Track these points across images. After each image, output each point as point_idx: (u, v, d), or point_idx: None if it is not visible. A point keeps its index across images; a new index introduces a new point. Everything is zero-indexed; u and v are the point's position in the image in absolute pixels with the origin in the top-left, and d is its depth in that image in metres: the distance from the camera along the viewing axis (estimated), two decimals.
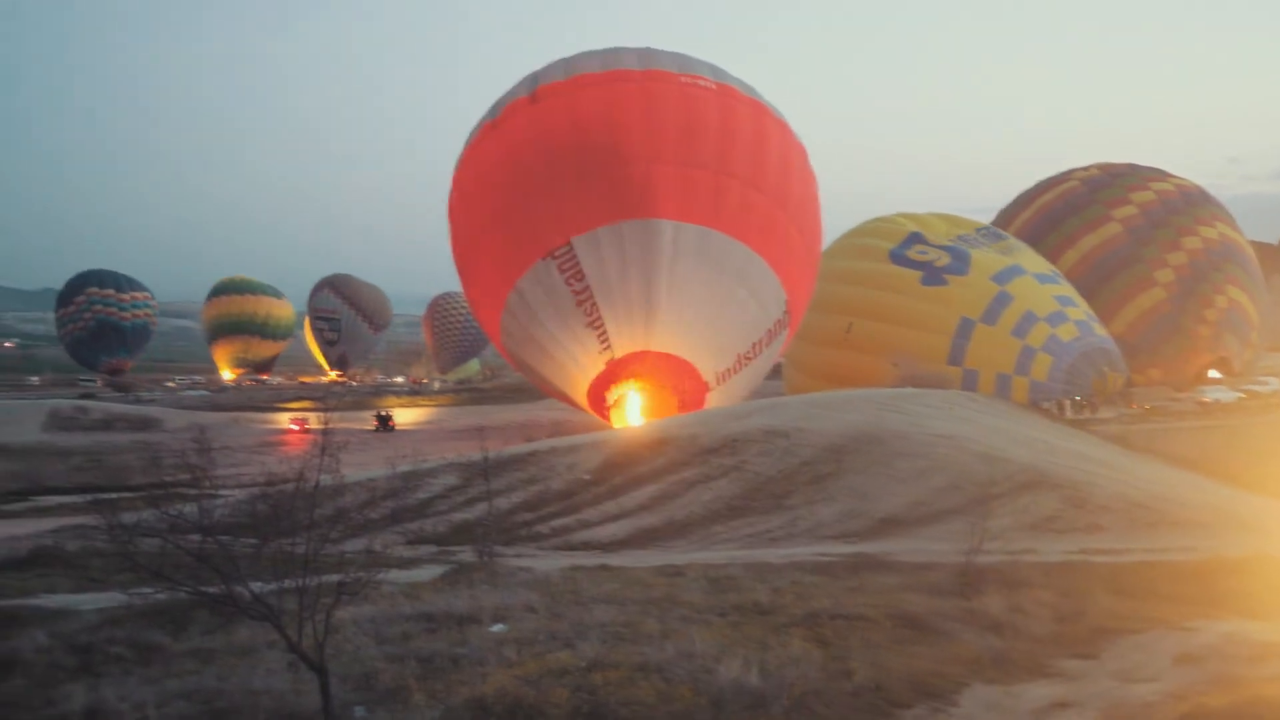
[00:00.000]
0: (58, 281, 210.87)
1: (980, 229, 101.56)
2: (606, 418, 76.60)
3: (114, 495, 50.06)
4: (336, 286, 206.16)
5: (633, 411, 74.36)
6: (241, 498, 43.72)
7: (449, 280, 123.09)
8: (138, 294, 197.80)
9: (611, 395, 75.42)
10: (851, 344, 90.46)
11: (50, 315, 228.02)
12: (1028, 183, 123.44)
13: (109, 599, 26.30)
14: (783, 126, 79.61)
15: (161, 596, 19.82)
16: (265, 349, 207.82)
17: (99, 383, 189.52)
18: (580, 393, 78.04)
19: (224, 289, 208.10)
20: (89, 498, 57.74)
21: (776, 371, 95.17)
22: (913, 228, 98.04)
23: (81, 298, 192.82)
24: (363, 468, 55.30)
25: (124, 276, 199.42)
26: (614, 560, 34.31)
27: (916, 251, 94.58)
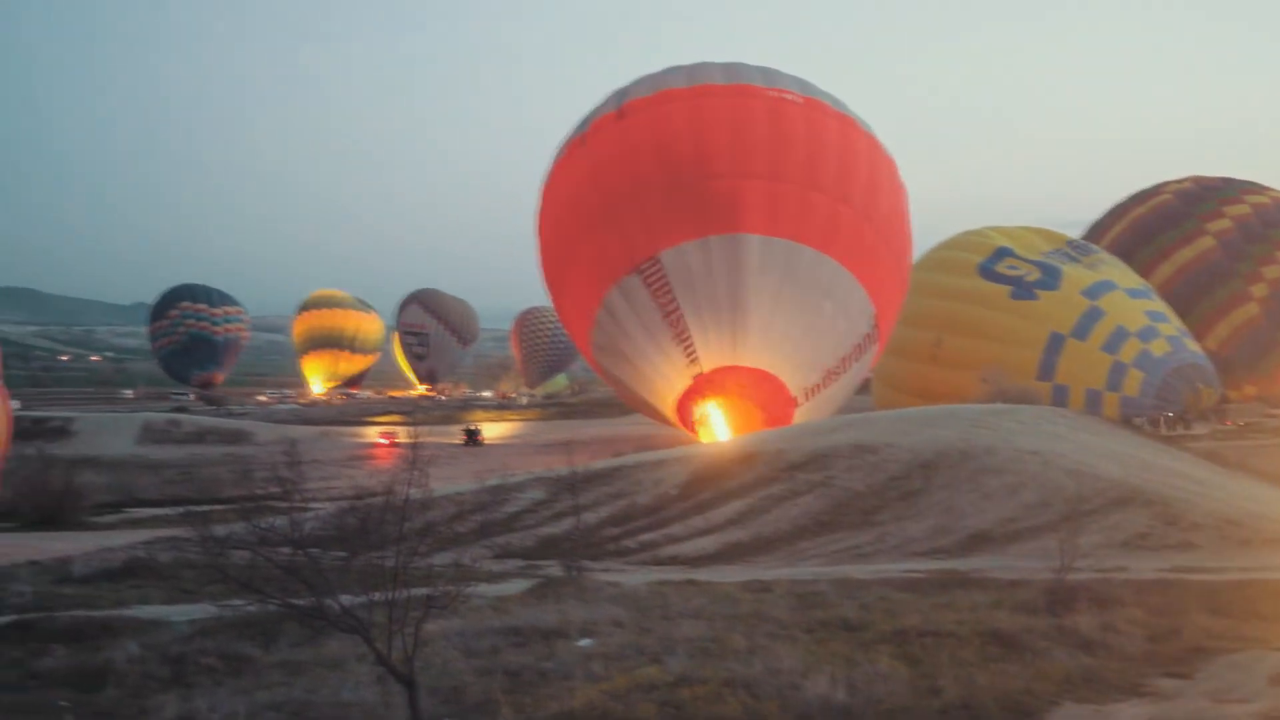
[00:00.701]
0: (150, 296, 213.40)
1: (1071, 243, 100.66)
2: (693, 432, 76.52)
3: (205, 508, 50.53)
4: (424, 301, 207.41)
5: (719, 426, 74.22)
6: (331, 511, 44.01)
7: (537, 294, 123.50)
8: (230, 308, 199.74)
9: (698, 410, 75.35)
10: (940, 359, 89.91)
11: (143, 329, 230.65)
12: (1119, 195, 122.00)
13: (200, 610, 26.54)
14: (871, 140, 79.32)
15: (252, 609, 20.00)
16: (354, 363, 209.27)
17: (191, 396, 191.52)
18: (668, 407, 78.05)
19: (313, 304, 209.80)
20: (181, 510, 58.45)
21: (867, 386, 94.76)
22: (1002, 242, 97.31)
23: (175, 312, 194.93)
24: (451, 482, 55.57)
25: (216, 291, 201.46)
26: (701, 575, 34.21)
27: (1006, 266, 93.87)
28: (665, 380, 76.39)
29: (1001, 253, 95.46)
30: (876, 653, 21.07)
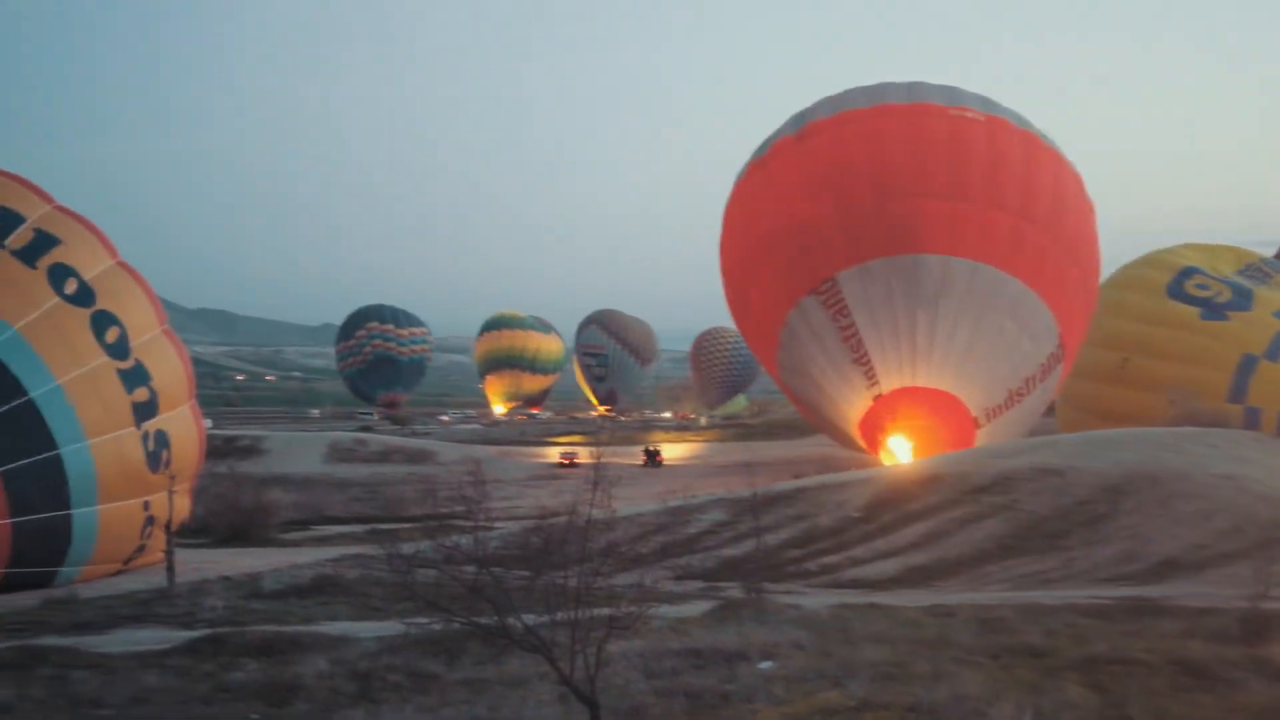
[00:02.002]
0: (337, 317, 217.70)
1: (1265, 261, 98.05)
2: (875, 454, 75.99)
3: (391, 526, 51.34)
4: (603, 322, 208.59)
5: (901, 448, 73.60)
6: (514, 531, 44.41)
7: (716, 315, 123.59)
8: (415, 330, 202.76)
9: (879, 431, 74.83)
10: (1127, 380, 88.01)
11: (330, 350, 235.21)
12: None
13: (387, 628, 26.93)
14: (1056, 156, 78.13)
15: (437, 626, 20.23)
16: (535, 383, 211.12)
17: (376, 416, 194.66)
18: (850, 428, 77.66)
19: (495, 324, 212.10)
20: (367, 528, 59.37)
21: (1052, 409, 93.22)
22: (1191, 260, 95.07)
23: (362, 332, 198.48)
24: (632, 502, 55.78)
25: (403, 312, 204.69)
26: (883, 599, 33.93)
27: (1195, 285, 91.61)
28: (846, 402, 76.06)
29: (1189, 272, 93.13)
30: (1064, 680, 20.69)
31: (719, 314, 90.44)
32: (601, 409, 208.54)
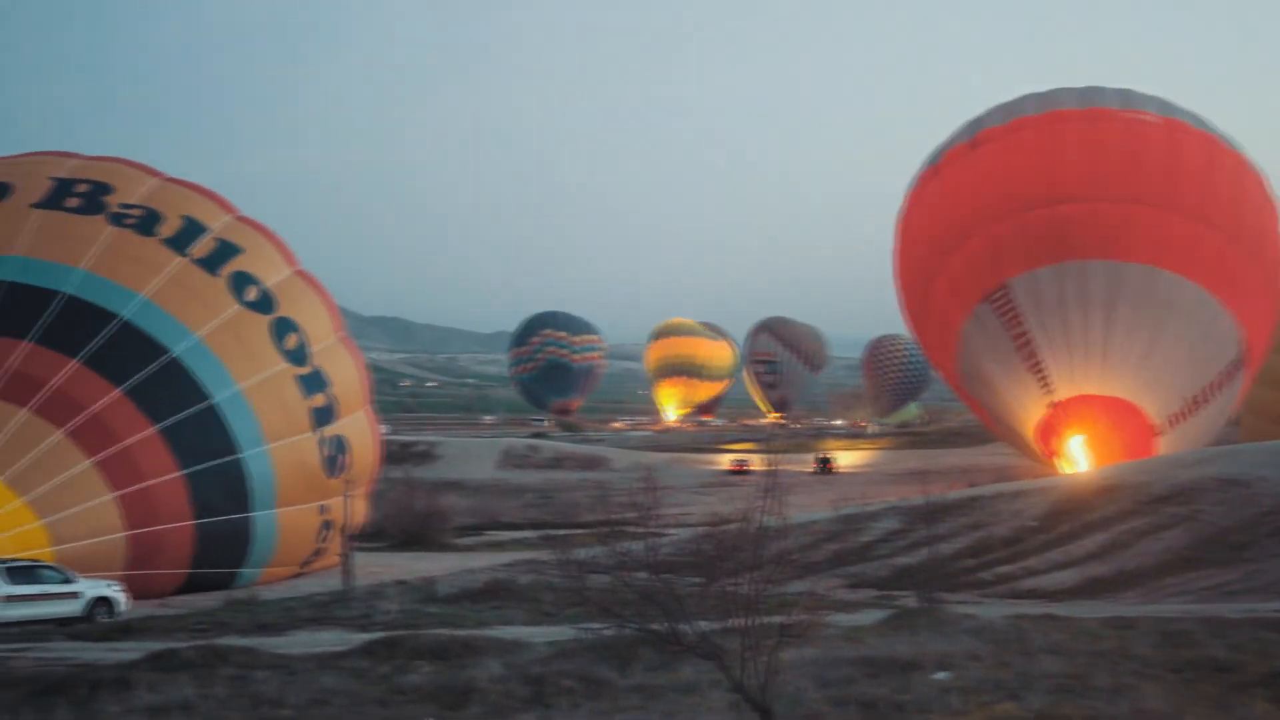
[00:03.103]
0: (511, 324, 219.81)
1: None
2: (1052, 462, 74.86)
3: (563, 531, 51.63)
4: (774, 329, 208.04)
5: (1078, 456, 72.39)
6: (686, 537, 44.45)
7: (888, 323, 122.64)
8: (588, 337, 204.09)
9: (1055, 439, 73.70)
10: None
11: (503, 357, 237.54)
12: None
13: (559, 632, 27.06)
14: (1237, 158, 76.28)
15: (609, 632, 20.24)
16: (706, 390, 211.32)
17: (548, 422, 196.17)
18: (1027, 436, 76.64)
19: (665, 331, 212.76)
20: (540, 533, 59.80)
21: (1237, 419, 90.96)
22: None
23: (536, 339, 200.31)
24: (805, 510, 55.54)
25: (577, 319, 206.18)
26: (1060, 610, 33.32)
27: None
28: (1022, 409, 75.07)
29: None
30: (1250, 696, 20.10)
31: (891, 321, 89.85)
32: (772, 416, 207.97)
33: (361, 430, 53.15)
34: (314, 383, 49.75)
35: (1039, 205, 72.85)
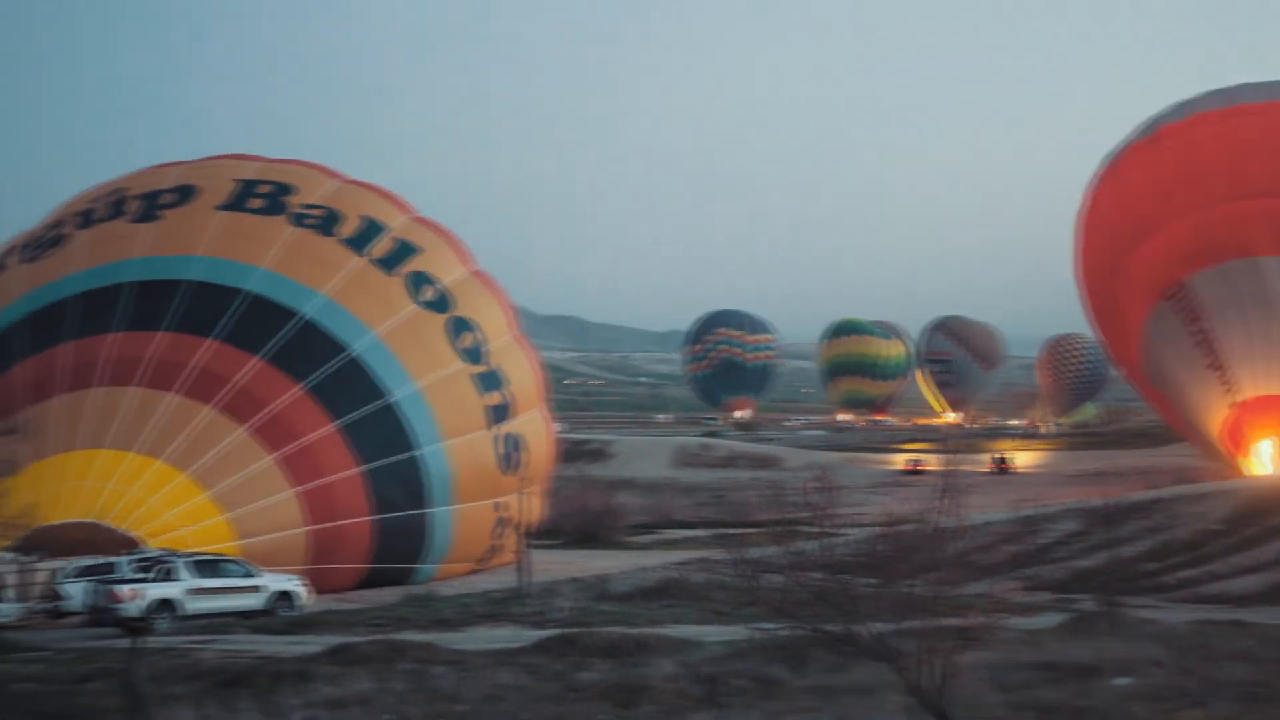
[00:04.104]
0: (684, 323, 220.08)
1: None
2: (1237, 464, 73.03)
3: (737, 530, 51.52)
4: (948, 328, 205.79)
5: (1265, 458, 70.52)
6: (861, 537, 44.12)
7: (1064, 321, 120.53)
8: (763, 336, 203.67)
9: (1242, 441, 71.88)
10: None
11: (676, 356, 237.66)
12: None
13: (733, 632, 26.97)
14: None
15: (784, 632, 20.11)
16: (878, 389, 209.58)
17: (722, 421, 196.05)
18: (1211, 437, 74.87)
19: (838, 330, 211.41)
20: (714, 532, 59.72)
21: None
22: None
23: (710, 337, 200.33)
24: (982, 511, 54.83)
25: (752, 317, 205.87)
26: (1247, 616, 32.48)
27: None
28: (1204, 409, 73.29)
29: None
30: None
31: (1068, 319, 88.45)
32: (947, 415, 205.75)
33: (537, 428, 53.56)
34: (490, 381, 50.23)
35: (1218, 201, 71.12)
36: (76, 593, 35.97)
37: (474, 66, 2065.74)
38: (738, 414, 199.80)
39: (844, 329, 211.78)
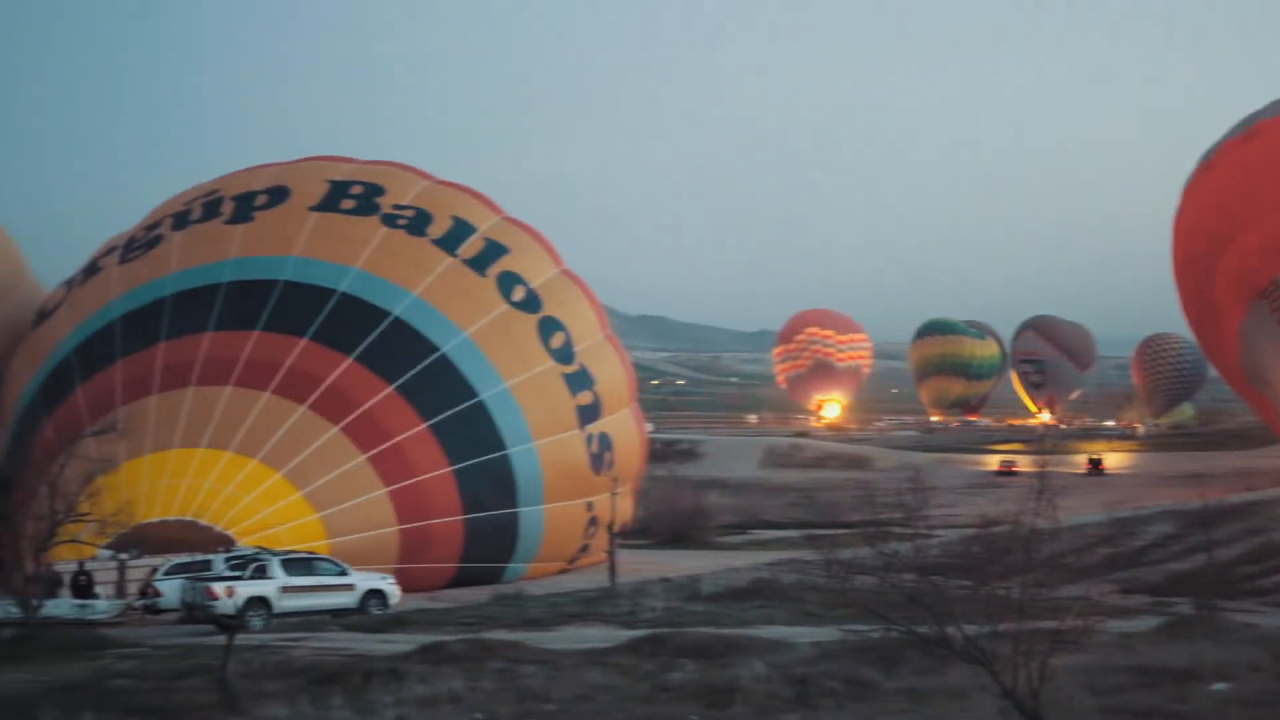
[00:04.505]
0: (773, 323, 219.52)
1: None
2: None
3: (828, 531, 51.29)
4: (1040, 328, 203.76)
5: None
6: (954, 539, 43.78)
7: (1158, 321, 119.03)
8: (855, 336, 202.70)
9: None
10: None
11: (765, 355, 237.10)
12: None
13: (823, 633, 26.83)
14: None
15: (875, 634, 19.97)
16: (970, 389, 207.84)
17: (812, 421, 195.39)
18: None
19: (929, 330, 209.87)
20: (804, 533, 59.53)
21: None
22: None
23: (801, 337, 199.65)
24: (1076, 512, 54.25)
25: (843, 317, 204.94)
26: None
27: None
28: None
29: None
30: None
31: (1163, 318, 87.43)
32: (1040, 416, 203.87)
33: (626, 428, 53.58)
34: (580, 381, 50.31)
35: None
36: (172, 590, 36.38)
37: (554, 64, 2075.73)
38: (828, 414, 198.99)
39: (935, 328, 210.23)
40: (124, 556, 38.86)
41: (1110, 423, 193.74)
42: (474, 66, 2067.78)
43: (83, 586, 37.00)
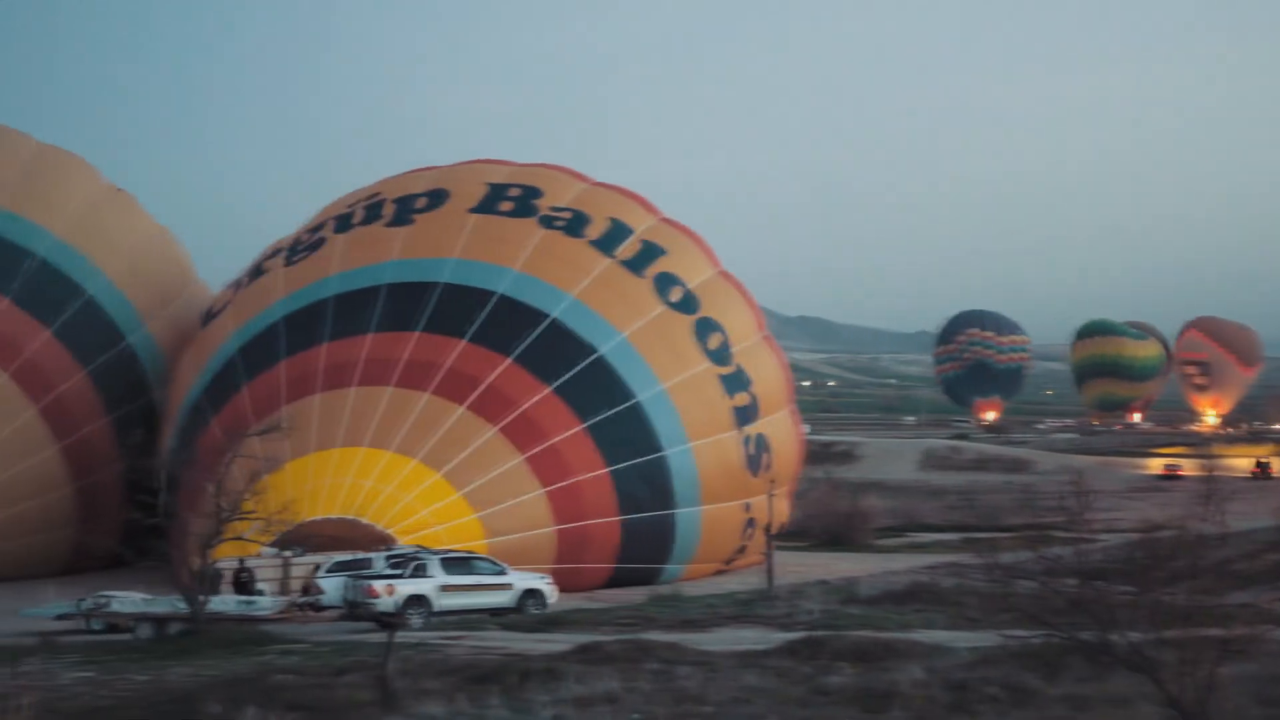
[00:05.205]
0: (932, 324, 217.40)
1: None
2: None
3: (987, 535, 50.67)
4: (1204, 328, 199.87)
5: None
6: (1117, 544, 43.01)
7: None
8: (1015, 337, 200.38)
9: None
10: None
11: (924, 357, 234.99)
12: None
13: (983, 638, 26.47)
14: None
15: (1036, 640, 19.68)
16: (1132, 391, 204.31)
17: (971, 423, 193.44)
18: None
19: (1089, 331, 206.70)
20: (963, 536, 58.84)
21: None
22: None
23: (962, 337, 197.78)
24: (1244, 517, 53.03)
25: (1004, 318, 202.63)
26: None
27: None
28: None
29: None
30: None
31: None
32: (1205, 418, 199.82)
33: (783, 429, 53.40)
34: (736, 382, 50.22)
35: None
36: (333, 588, 36.92)
37: (709, 66, 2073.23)
38: (986, 416, 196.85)
39: (1095, 329, 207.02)
40: (288, 554, 39.55)
41: (1278, 425, 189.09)
42: (643, 66, 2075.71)
43: (244, 583, 37.73)
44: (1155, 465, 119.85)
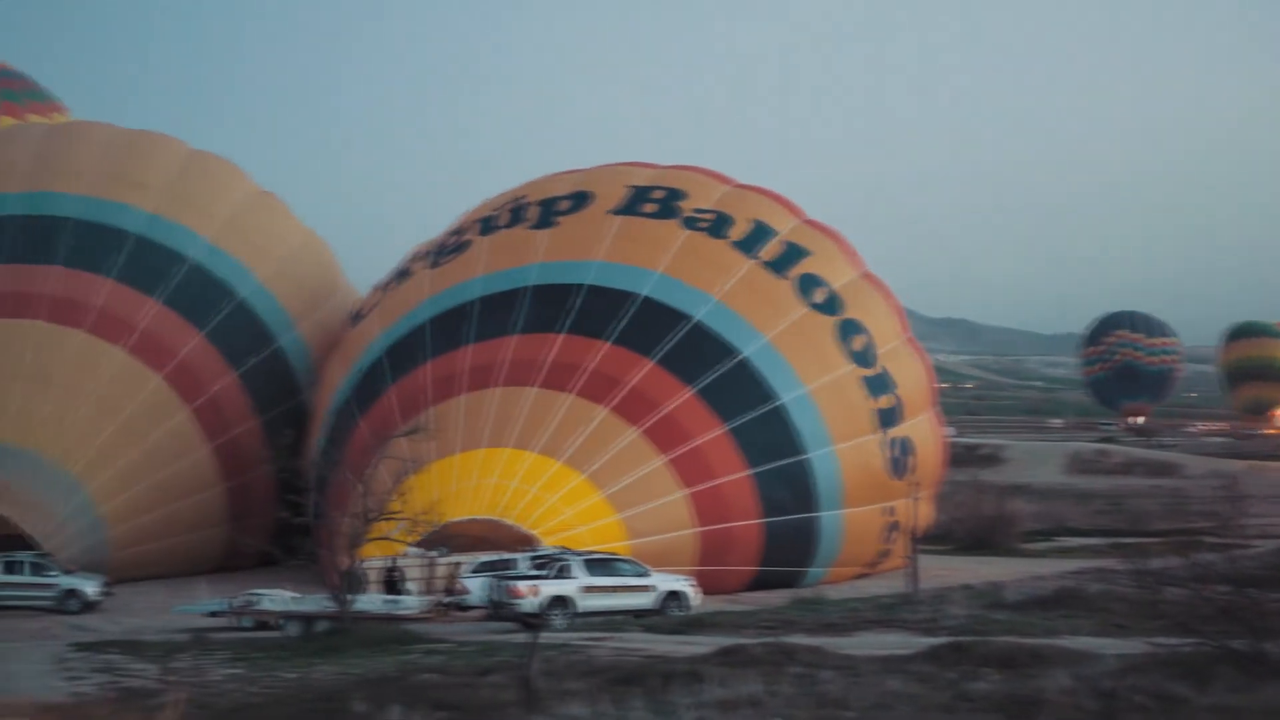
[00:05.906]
0: (1077, 325, 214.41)
1: None
2: None
3: (1135, 540, 49.86)
4: None
5: None
6: (1271, 550, 42.14)
7: None
8: (1165, 339, 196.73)
9: None
10: None
11: (1069, 359, 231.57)
12: None
13: (1131, 646, 26.07)
14: None
15: (1186, 648, 19.34)
16: None
17: (1119, 426, 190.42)
18: None
19: (1240, 332, 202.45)
20: (1110, 541, 57.95)
21: None
22: None
23: (1110, 339, 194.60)
24: None
25: (1154, 320, 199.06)
26: None
27: None
28: None
29: None
30: None
31: None
32: None
33: (926, 432, 53.01)
34: (880, 384, 49.94)
35: None
36: (477, 588, 37.24)
37: (854, 69, 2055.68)
38: (1134, 419, 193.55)
39: (1245, 331, 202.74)
40: (433, 554, 39.99)
41: None
42: (785, 67, 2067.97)
43: (393, 582, 38.23)
44: None
